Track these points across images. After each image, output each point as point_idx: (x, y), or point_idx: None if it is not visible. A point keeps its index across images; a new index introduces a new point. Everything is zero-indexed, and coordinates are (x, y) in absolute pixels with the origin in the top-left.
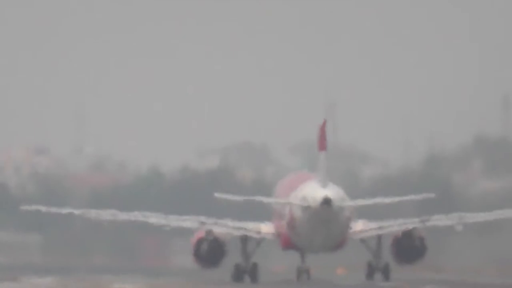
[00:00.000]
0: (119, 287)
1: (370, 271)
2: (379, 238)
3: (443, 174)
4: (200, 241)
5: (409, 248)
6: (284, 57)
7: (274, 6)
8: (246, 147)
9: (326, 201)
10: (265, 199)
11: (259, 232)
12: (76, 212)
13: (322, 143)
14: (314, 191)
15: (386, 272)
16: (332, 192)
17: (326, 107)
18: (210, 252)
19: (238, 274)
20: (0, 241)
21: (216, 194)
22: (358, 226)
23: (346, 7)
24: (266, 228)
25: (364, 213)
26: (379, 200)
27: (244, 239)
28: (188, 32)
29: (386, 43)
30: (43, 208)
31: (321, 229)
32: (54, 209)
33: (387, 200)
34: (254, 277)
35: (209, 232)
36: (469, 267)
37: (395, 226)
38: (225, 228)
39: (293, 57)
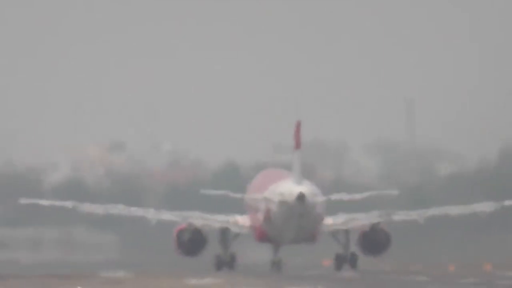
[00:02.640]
0: (195, 283)
1: (339, 261)
2: (347, 231)
3: None
4: (181, 232)
5: (374, 241)
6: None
7: (275, 6)
8: (322, 145)
9: (301, 197)
10: (253, 196)
11: (236, 225)
12: (68, 205)
13: (297, 142)
14: (290, 187)
15: (353, 262)
16: (306, 188)
17: (406, 103)
18: (191, 242)
19: (218, 264)
20: (77, 238)
21: (202, 191)
22: (329, 220)
23: (346, 7)
24: (243, 221)
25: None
26: (350, 196)
27: (223, 231)
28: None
29: (386, 43)
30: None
31: (295, 222)
32: (45, 202)
33: (358, 196)
34: (231, 266)
35: (190, 224)
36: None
37: (362, 220)
38: (205, 220)
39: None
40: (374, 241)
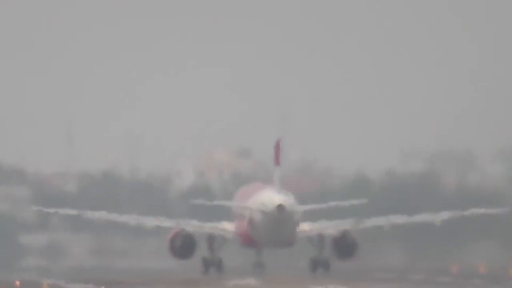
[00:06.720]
0: None
1: (313, 264)
2: (321, 236)
3: None
4: (174, 237)
5: (344, 245)
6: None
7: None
8: (450, 153)
9: (281, 206)
10: (238, 205)
11: (223, 231)
12: (73, 212)
13: (277, 159)
14: (271, 197)
15: (326, 265)
16: (285, 199)
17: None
18: (182, 246)
19: (205, 266)
20: None
21: (192, 201)
22: (305, 226)
23: (346, 7)
24: (229, 227)
25: None
26: (322, 205)
27: (211, 236)
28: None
29: (386, 43)
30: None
31: (276, 229)
32: (62, 211)
33: (329, 204)
34: (219, 269)
35: (182, 230)
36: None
37: (334, 226)
38: (196, 227)
39: None
40: (344, 246)
